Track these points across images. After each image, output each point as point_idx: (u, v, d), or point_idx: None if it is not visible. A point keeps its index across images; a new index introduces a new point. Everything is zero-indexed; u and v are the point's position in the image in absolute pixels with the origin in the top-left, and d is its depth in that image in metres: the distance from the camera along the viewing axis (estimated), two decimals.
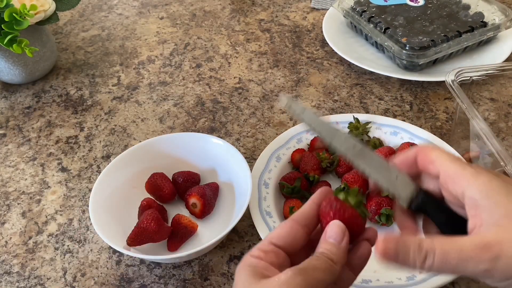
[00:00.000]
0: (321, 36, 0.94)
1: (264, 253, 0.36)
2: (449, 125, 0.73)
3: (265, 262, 0.35)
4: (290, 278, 0.32)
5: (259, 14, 1.03)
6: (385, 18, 0.84)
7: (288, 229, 0.37)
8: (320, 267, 0.34)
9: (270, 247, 0.36)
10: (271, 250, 0.36)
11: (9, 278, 0.58)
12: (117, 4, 1.11)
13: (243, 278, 0.35)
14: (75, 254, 0.60)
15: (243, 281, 0.34)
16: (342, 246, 0.35)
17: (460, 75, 0.64)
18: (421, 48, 0.76)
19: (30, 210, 0.66)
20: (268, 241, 0.37)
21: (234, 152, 0.61)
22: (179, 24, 1.02)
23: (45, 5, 0.79)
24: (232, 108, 0.79)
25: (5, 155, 0.74)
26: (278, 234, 0.37)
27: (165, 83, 0.86)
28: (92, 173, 0.70)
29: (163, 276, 0.57)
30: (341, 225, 0.36)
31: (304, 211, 0.38)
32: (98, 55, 0.94)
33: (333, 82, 0.83)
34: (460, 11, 0.85)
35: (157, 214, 0.55)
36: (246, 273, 0.35)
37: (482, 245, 0.31)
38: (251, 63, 0.89)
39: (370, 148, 0.39)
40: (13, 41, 0.74)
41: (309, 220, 0.38)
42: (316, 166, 0.62)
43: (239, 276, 0.35)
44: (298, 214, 0.38)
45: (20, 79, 0.86)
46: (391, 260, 0.33)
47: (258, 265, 0.35)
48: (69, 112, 0.81)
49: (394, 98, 0.79)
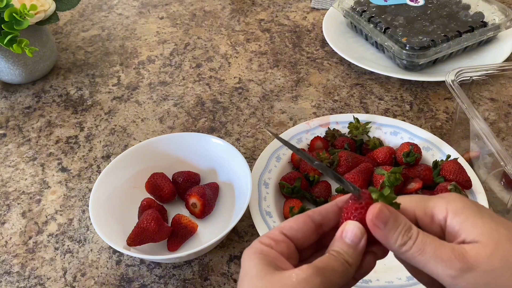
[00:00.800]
0: (321, 36, 0.94)
1: (275, 242, 0.34)
2: (449, 125, 0.73)
3: (276, 252, 0.34)
4: (309, 277, 0.31)
5: (259, 14, 1.03)
6: (385, 18, 0.84)
7: (301, 224, 0.36)
8: (338, 269, 0.33)
9: (281, 237, 0.35)
10: (282, 240, 0.35)
11: (9, 278, 0.58)
12: (117, 4, 1.10)
13: (254, 265, 0.33)
14: (75, 254, 0.60)
15: (256, 269, 0.33)
16: (359, 249, 0.34)
17: (460, 75, 0.64)
18: (421, 48, 0.76)
19: (30, 210, 0.66)
20: (279, 231, 0.35)
21: (234, 152, 0.61)
22: (179, 24, 1.02)
23: (45, 5, 0.79)
24: (232, 108, 0.79)
25: (5, 155, 0.74)
26: (290, 226, 0.36)
27: (165, 83, 0.86)
28: (92, 173, 0.70)
29: (163, 276, 0.57)
30: (360, 227, 0.34)
31: (323, 210, 0.37)
32: (98, 55, 0.94)
33: (333, 82, 0.83)
34: (460, 11, 0.85)
35: (157, 214, 0.55)
36: (258, 261, 0.33)
37: (459, 253, 0.32)
38: (251, 63, 0.89)
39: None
40: (13, 41, 0.74)
41: (325, 220, 0.36)
42: None
43: (249, 262, 0.33)
44: (315, 210, 0.37)
45: (20, 79, 0.86)
46: (378, 223, 0.33)
47: (269, 254, 0.34)
48: (69, 112, 0.81)
49: (394, 98, 0.79)
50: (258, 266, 0.33)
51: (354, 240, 0.34)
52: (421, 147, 0.63)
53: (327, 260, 0.33)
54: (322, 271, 0.32)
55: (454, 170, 0.59)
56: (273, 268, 0.33)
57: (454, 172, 0.59)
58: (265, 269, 0.32)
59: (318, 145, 0.66)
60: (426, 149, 0.64)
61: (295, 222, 0.36)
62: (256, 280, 0.32)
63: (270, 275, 0.32)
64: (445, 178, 0.59)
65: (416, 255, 0.32)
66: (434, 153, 0.64)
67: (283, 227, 0.36)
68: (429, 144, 0.65)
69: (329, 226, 0.37)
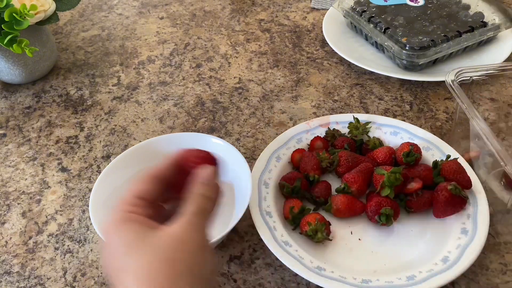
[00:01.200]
0: (321, 36, 0.94)
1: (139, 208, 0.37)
2: (449, 125, 0.73)
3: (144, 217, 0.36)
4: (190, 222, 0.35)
5: (259, 14, 1.03)
6: (385, 18, 0.84)
7: (151, 185, 0.39)
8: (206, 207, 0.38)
9: (141, 202, 0.37)
10: (144, 205, 0.37)
11: (9, 278, 0.58)
12: (117, 4, 1.11)
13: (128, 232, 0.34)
14: (75, 254, 0.60)
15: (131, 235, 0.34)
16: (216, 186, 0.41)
17: (460, 75, 0.64)
18: (421, 48, 0.76)
19: (30, 210, 0.66)
20: (136, 196, 0.38)
21: (234, 152, 0.61)
22: (179, 24, 1.02)
23: (45, 5, 0.79)
24: (232, 108, 0.79)
25: (5, 155, 0.74)
26: (142, 190, 0.38)
27: (165, 83, 0.86)
28: (92, 173, 0.70)
29: None
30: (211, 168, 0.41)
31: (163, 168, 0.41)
32: (98, 55, 0.94)
33: (333, 82, 0.83)
34: (460, 11, 0.85)
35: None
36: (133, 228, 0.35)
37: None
38: (251, 63, 0.89)
39: None
40: (13, 41, 0.74)
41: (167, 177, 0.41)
42: (316, 166, 0.62)
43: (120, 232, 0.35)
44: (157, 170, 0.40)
45: (20, 79, 0.86)
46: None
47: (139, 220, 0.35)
48: (69, 112, 0.81)
49: (394, 98, 0.79)
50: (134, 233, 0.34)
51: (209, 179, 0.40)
52: (421, 147, 0.63)
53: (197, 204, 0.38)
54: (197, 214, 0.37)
55: (454, 170, 0.59)
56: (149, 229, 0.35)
57: (454, 172, 0.59)
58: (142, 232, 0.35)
59: (318, 145, 0.66)
60: (426, 149, 0.64)
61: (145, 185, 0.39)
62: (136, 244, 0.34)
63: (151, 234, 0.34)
64: (445, 178, 0.59)
65: None
66: (434, 153, 0.64)
67: (137, 191, 0.38)
68: (429, 144, 0.65)
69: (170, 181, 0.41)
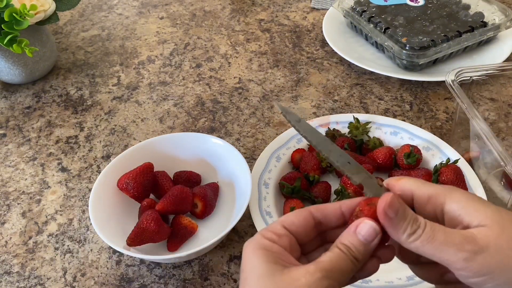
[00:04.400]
0: (321, 36, 0.94)
1: (277, 236, 0.34)
2: (449, 125, 0.73)
3: (279, 247, 0.34)
4: (318, 281, 0.31)
5: (259, 14, 1.03)
6: (385, 18, 0.84)
7: (302, 219, 0.36)
8: (346, 269, 0.33)
9: (283, 231, 0.35)
10: (285, 234, 0.34)
11: (9, 278, 0.58)
12: (117, 4, 1.10)
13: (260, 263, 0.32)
14: (75, 254, 0.60)
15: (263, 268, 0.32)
16: (370, 248, 0.34)
17: (460, 75, 0.64)
18: (421, 48, 0.76)
19: (30, 210, 0.66)
20: (281, 225, 0.35)
21: (234, 152, 0.61)
22: (179, 24, 1.02)
23: (45, 5, 0.79)
24: (232, 108, 0.79)
25: (5, 155, 0.74)
26: (292, 221, 0.35)
27: (165, 83, 0.86)
28: (92, 173, 0.70)
29: (163, 276, 0.57)
30: (375, 226, 0.34)
31: (325, 208, 0.37)
32: (98, 55, 0.94)
33: (333, 82, 0.83)
34: (460, 11, 0.85)
35: (157, 214, 0.55)
36: (265, 258, 0.33)
37: (468, 235, 0.32)
38: (251, 63, 0.89)
39: (362, 167, 0.39)
40: (13, 41, 0.74)
41: (326, 220, 0.36)
42: (316, 166, 0.62)
43: (254, 259, 0.33)
44: (318, 208, 0.36)
45: (20, 79, 0.86)
46: (389, 212, 0.33)
47: (273, 249, 0.33)
48: (69, 112, 0.81)
49: (394, 98, 0.79)
50: (265, 264, 0.32)
51: (368, 238, 0.34)
52: (421, 147, 0.63)
53: (335, 260, 0.33)
54: (329, 274, 0.32)
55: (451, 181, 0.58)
56: (280, 265, 0.32)
57: (451, 183, 0.58)
58: (273, 268, 0.32)
59: None
60: (426, 149, 0.64)
61: (296, 217, 0.36)
62: (265, 280, 0.32)
63: (278, 275, 0.32)
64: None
65: (425, 243, 0.33)
66: (434, 153, 0.64)
67: (285, 221, 0.35)
68: (429, 144, 0.65)
69: (328, 226, 0.37)
